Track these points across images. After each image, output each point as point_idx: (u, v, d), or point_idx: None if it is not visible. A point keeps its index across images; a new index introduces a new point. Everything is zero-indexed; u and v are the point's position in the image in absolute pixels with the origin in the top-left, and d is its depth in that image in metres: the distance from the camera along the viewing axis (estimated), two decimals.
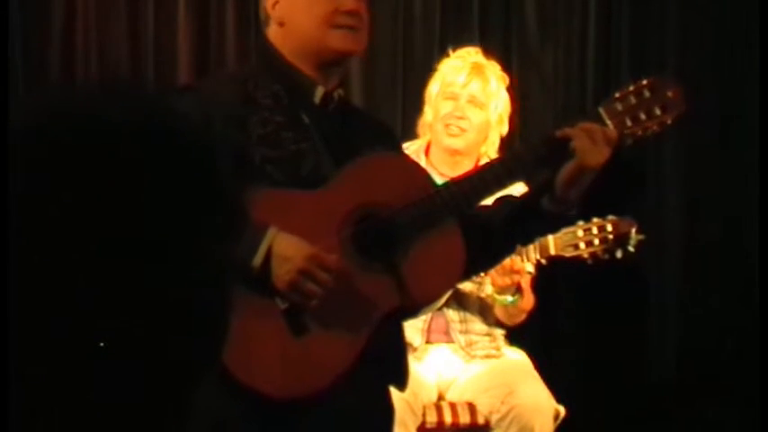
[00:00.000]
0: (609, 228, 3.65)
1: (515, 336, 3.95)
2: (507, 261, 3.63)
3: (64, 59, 4.48)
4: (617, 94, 2.69)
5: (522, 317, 3.85)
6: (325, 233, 2.58)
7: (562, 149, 2.60)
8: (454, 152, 3.83)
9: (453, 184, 2.72)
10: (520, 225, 2.73)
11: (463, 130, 3.83)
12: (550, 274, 3.85)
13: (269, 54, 2.74)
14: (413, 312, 2.77)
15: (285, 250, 2.50)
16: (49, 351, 1.01)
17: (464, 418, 3.73)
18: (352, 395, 2.60)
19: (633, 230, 3.64)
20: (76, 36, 4.49)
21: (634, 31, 4.75)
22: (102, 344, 1.01)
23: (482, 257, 2.80)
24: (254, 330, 2.53)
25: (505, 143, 3.97)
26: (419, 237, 2.63)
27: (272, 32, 2.74)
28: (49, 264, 1.00)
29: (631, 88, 2.69)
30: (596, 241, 3.64)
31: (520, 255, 3.68)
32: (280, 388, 2.56)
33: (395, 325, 2.72)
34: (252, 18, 4.56)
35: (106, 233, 1.01)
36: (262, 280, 2.50)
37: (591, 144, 2.58)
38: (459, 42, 4.50)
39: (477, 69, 3.91)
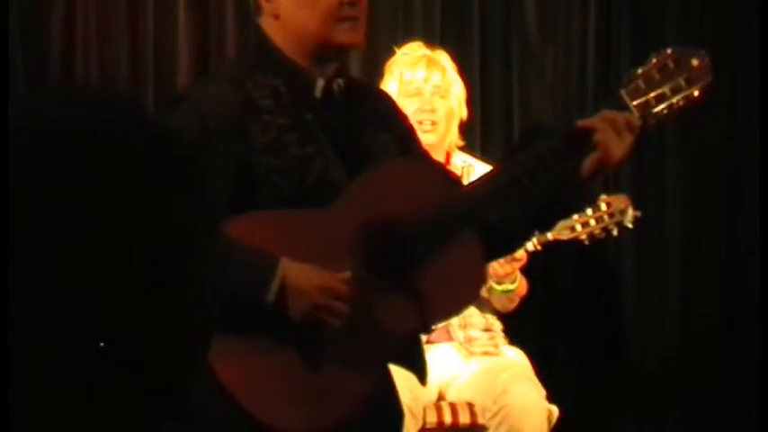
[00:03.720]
0: (603, 207, 3.64)
1: (515, 335, 3.95)
2: None
3: (64, 59, 4.48)
4: (639, 71, 2.51)
5: (517, 302, 3.85)
6: (337, 254, 2.47)
7: (584, 142, 2.46)
8: (428, 148, 3.79)
9: (470, 192, 2.57)
10: (541, 221, 2.62)
11: (435, 124, 3.87)
12: (549, 271, 3.85)
13: (265, 47, 2.61)
14: (430, 328, 2.67)
15: (299, 283, 2.40)
16: (34, 352, 1.01)
17: (464, 418, 3.73)
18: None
19: (629, 207, 3.64)
20: (76, 36, 4.48)
21: (634, 31, 4.75)
22: (101, 344, 1.01)
23: (494, 255, 2.71)
24: (267, 366, 2.45)
25: (465, 127, 4.01)
26: (436, 251, 2.50)
27: (266, 24, 2.62)
28: (39, 266, 1.01)
29: (654, 61, 2.51)
30: (592, 221, 3.64)
31: None
32: (298, 424, 2.47)
33: None
34: (252, 18, 4.55)
35: (94, 240, 1.01)
36: (274, 313, 2.41)
37: (615, 136, 2.44)
38: (459, 42, 4.51)
39: (431, 61, 3.95)
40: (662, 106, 2.50)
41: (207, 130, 2.45)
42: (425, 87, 3.89)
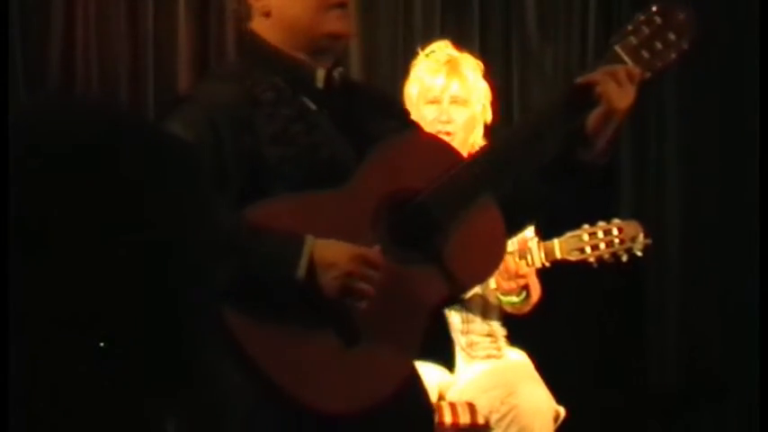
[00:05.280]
0: (615, 231, 3.64)
1: (516, 336, 3.95)
2: (512, 265, 3.62)
3: (64, 59, 4.48)
4: (629, 27, 2.59)
5: (529, 308, 3.84)
6: (360, 231, 2.50)
7: (587, 97, 2.52)
8: None
9: (482, 157, 2.63)
10: (555, 180, 2.62)
11: (450, 134, 3.81)
12: (550, 273, 3.85)
13: (260, 47, 2.64)
14: (461, 296, 2.68)
15: (328, 256, 2.42)
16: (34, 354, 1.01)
17: (464, 418, 3.73)
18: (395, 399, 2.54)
19: (640, 234, 3.64)
20: (76, 36, 4.48)
21: None
22: (101, 344, 1.01)
23: (516, 226, 2.74)
24: (304, 348, 2.46)
25: (490, 130, 3.95)
26: (456, 218, 2.54)
27: (258, 25, 2.65)
28: (44, 267, 1.01)
29: (642, 18, 2.59)
30: (602, 245, 3.64)
31: (524, 258, 3.67)
32: (341, 403, 2.48)
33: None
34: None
35: (98, 240, 1.01)
36: (307, 292, 2.43)
37: (617, 87, 2.50)
38: (459, 41, 4.51)
39: (453, 67, 3.88)
40: (655, 59, 2.59)
41: (215, 125, 2.48)
42: (443, 96, 3.85)
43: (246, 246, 2.38)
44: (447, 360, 2.70)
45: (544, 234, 3.70)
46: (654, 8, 2.61)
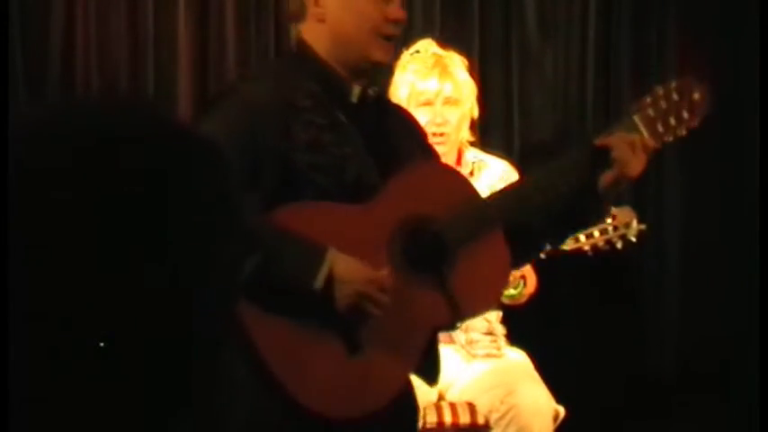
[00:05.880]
0: (608, 219, 3.65)
1: (516, 336, 3.95)
2: None
3: (64, 59, 4.48)
4: (648, 100, 2.75)
5: (526, 298, 3.86)
6: (375, 248, 2.61)
7: (602, 158, 2.67)
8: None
9: (499, 195, 2.79)
10: (558, 229, 2.83)
11: (444, 135, 3.82)
12: (550, 273, 3.85)
13: (305, 51, 2.71)
14: (459, 324, 2.81)
15: (345, 273, 2.53)
16: (42, 354, 1.01)
17: (464, 418, 3.73)
18: None
19: (634, 220, 3.65)
20: (76, 36, 4.48)
21: (634, 30, 4.75)
22: (101, 344, 1.01)
23: (518, 257, 2.84)
24: (309, 352, 2.56)
25: (476, 124, 4.01)
26: (465, 250, 2.66)
27: (309, 28, 2.71)
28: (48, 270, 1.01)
29: (661, 92, 2.75)
30: (597, 233, 3.65)
31: None
32: (338, 409, 2.58)
33: None
34: (252, 18, 4.56)
35: (117, 238, 1.01)
36: (319, 300, 2.52)
37: (631, 154, 2.66)
38: (459, 42, 4.51)
39: (442, 69, 3.90)
40: (667, 133, 2.74)
41: (253, 127, 2.56)
42: (437, 99, 3.86)
43: (270, 247, 2.46)
44: (429, 375, 2.77)
45: None
46: (673, 84, 2.77)
